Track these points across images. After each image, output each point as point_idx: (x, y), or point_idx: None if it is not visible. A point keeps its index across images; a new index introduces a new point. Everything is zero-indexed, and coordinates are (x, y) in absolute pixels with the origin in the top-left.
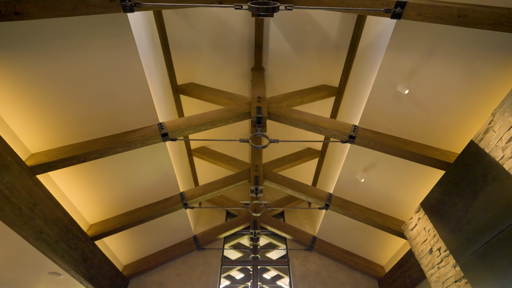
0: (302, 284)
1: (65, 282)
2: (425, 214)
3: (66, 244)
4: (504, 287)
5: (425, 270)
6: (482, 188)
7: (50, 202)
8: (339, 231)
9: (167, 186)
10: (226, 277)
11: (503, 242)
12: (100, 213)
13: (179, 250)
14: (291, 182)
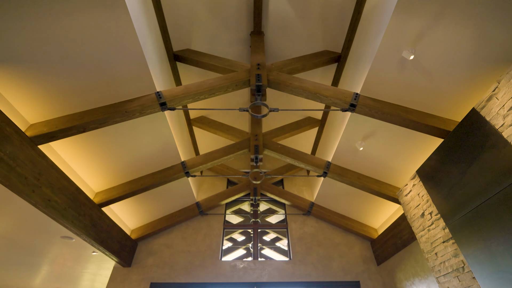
0: (299, 245)
1: (78, 245)
2: (420, 181)
3: (74, 210)
4: (488, 246)
5: (416, 232)
6: (479, 155)
7: (55, 172)
8: (336, 197)
9: (168, 155)
10: (228, 240)
11: (492, 207)
12: (105, 182)
13: (183, 215)
14: (291, 151)
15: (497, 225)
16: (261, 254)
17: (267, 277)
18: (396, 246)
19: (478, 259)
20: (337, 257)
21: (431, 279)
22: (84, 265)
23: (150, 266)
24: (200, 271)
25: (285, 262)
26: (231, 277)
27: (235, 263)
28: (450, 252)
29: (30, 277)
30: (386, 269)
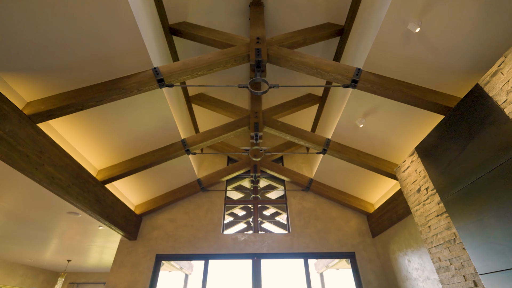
0: (298, 219)
1: (84, 220)
2: (418, 157)
3: (78, 187)
4: (480, 219)
5: (411, 206)
6: (478, 132)
7: (56, 150)
8: (334, 173)
9: (168, 133)
10: (229, 214)
11: (488, 182)
12: (106, 160)
13: (185, 191)
14: (291, 128)
15: (491, 199)
16: (261, 227)
17: (266, 249)
18: (391, 220)
19: (469, 231)
20: (334, 230)
21: (423, 250)
22: (92, 239)
23: (155, 239)
24: (203, 244)
25: (284, 235)
26: (232, 248)
27: (236, 236)
28: (443, 225)
29: (42, 250)
30: (380, 241)
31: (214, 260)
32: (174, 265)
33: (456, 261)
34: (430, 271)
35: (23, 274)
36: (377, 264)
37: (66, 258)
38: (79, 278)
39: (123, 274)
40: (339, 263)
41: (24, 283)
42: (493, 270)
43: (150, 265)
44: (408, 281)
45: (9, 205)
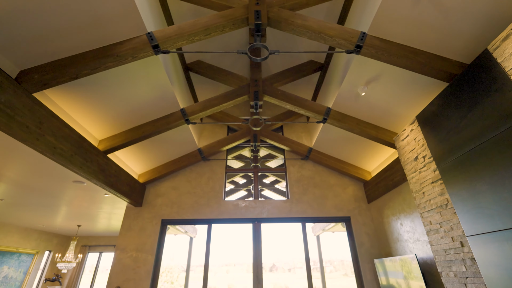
0: (297, 186)
1: (90, 189)
2: (418, 126)
3: (81, 157)
4: (473, 186)
5: (407, 174)
6: (482, 100)
7: (55, 121)
8: (333, 142)
9: (166, 102)
10: (230, 182)
11: (485, 150)
12: (106, 130)
13: (187, 161)
14: (291, 97)
15: (486, 166)
16: (261, 194)
17: (266, 214)
18: (387, 187)
19: (461, 197)
20: (331, 196)
21: (415, 215)
22: (99, 206)
23: (160, 206)
24: (206, 209)
25: (283, 201)
26: (234, 214)
27: (237, 203)
28: (437, 191)
29: (52, 216)
30: (375, 206)
31: (217, 224)
32: (179, 229)
33: (446, 224)
34: (420, 233)
35: (37, 238)
36: (371, 227)
37: (76, 223)
38: (90, 241)
39: (131, 237)
40: (335, 226)
41: (39, 246)
42: (479, 232)
43: (156, 229)
44: (399, 242)
45: (15, 175)
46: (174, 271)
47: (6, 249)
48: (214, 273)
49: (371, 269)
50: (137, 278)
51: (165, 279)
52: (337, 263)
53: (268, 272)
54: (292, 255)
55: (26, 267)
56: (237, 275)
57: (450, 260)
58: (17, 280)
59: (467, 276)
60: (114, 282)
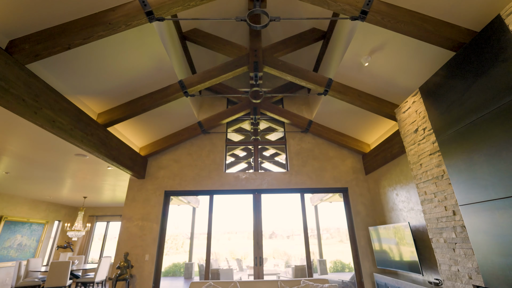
0: (296, 159)
1: (92, 162)
2: (420, 98)
3: (81, 131)
4: (470, 157)
5: (406, 146)
6: (488, 70)
7: (52, 93)
8: (334, 114)
9: (164, 74)
10: (230, 155)
11: (485, 122)
12: (104, 103)
13: (187, 134)
14: (292, 68)
15: (485, 139)
16: (261, 167)
17: (266, 185)
18: (385, 159)
19: (458, 168)
20: (330, 168)
21: (411, 186)
22: (103, 178)
23: (162, 178)
24: (207, 181)
25: (282, 173)
26: (235, 185)
27: (238, 175)
28: (434, 163)
29: (59, 188)
30: (372, 178)
31: (218, 195)
32: (182, 199)
33: (440, 194)
34: (415, 203)
35: (46, 209)
36: (367, 198)
37: (82, 195)
38: (97, 212)
39: (136, 208)
40: (333, 197)
41: (49, 217)
42: (472, 201)
43: (160, 200)
44: (394, 212)
45: (18, 149)
46: (179, 238)
47: (18, 219)
48: (217, 240)
49: (365, 236)
50: (144, 244)
51: (170, 246)
52: (333, 230)
53: (268, 239)
54: (290, 223)
55: (38, 236)
56: (239, 241)
57: (441, 228)
58: (31, 247)
59: (456, 242)
60: (122, 249)
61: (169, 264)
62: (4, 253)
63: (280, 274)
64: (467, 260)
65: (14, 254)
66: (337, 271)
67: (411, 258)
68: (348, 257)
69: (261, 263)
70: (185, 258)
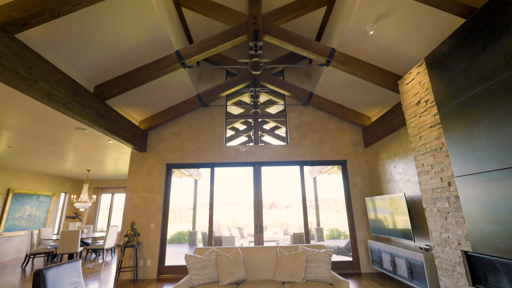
0: (296, 132)
1: (93, 135)
2: (425, 69)
3: (79, 104)
4: (471, 130)
5: (407, 119)
6: (497, 39)
7: (45, 65)
8: (335, 87)
9: (160, 44)
10: (230, 129)
11: (489, 94)
12: (100, 75)
13: (186, 107)
14: (293, 37)
15: (487, 110)
16: (261, 140)
17: (266, 158)
18: (385, 132)
19: (457, 141)
20: (329, 141)
21: (409, 158)
22: (105, 151)
23: (163, 151)
24: (208, 154)
25: (282, 146)
26: (235, 158)
27: (238, 148)
28: (434, 135)
29: (62, 162)
30: (371, 150)
31: (219, 168)
32: (184, 172)
33: (437, 166)
34: (411, 175)
35: (51, 182)
36: (365, 170)
37: (85, 168)
38: (101, 184)
39: (140, 180)
40: (331, 169)
41: (55, 189)
42: (468, 173)
43: (162, 173)
44: (390, 183)
45: (17, 123)
46: (182, 208)
47: (25, 192)
48: (218, 210)
49: (361, 206)
50: (149, 214)
51: (174, 216)
52: (331, 201)
53: (268, 209)
54: (290, 195)
55: (47, 207)
56: (240, 212)
57: (435, 198)
58: (41, 218)
59: (448, 211)
60: (128, 218)
61: (173, 232)
62: (16, 223)
63: (279, 241)
64: (457, 228)
65: (26, 224)
66: (333, 238)
67: (404, 226)
68: (344, 226)
69: (261, 231)
70: (189, 227)
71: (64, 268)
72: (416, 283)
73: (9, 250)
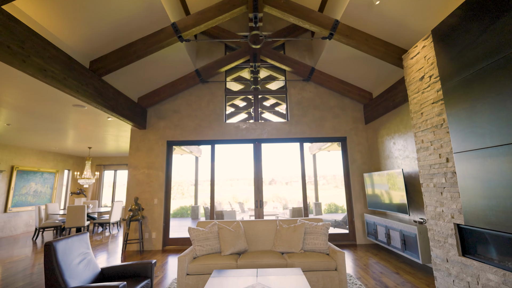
0: (297, 108)
1: (92, 112)
2: (431, 42)
3: (75, 80)
4: (473, 106)
5: (410, 94)
6: (509, 9)
7: (37, 39)
8: (337, 61)
9: (155, 15)
10: (230, 106)
11: (495, 69)
12: (95, 49)
13: (185, 83)
14: (295, 7)
15: (492, 86)
16: (261, 117)
17: (266, 135)
18: (386, 108)
19: (459, 117)
20: (330, 118)
21: (409, 135)
22: (105, 129)
23: (163, 128)
24: (208, 131)
25: (282, 123)
26: (235, 135)
27: (238, 125)
28: (436, 111)
29: (63, 139)
30: (372, 127)
31: (220, 144)
32: (185, 149)
33: (437, 142)
34: (410, 151)
35: (53, 159)
36: (365, 146)
37: (86, 145)
38: (103, 161)
39: (141, 157)
40: (331, 146)
41: (58, 166)
42: (467, 149)
43: (163, 150)
44: (389, 159)
45: (13, 100)
46: (184, 185)
47: (29, 169)
48: (219, 186)
49: (359, 182)
50: (152, 190)
51: (176, 191)
52: (329, 177)
53: (268, 185)
54: (289, 171)
55: (51, 183)
56: (240, 188)
57: (433, 174)
58: (46, 194)
59: (444, 186)
60: (132, 194)
61: (176, 207)
62: (23, 199)
63: (278, 215)
64: (452, 202)
65: (32, 200)
66: (331, 212)
67: (400, 201)
68: (342, 201)
69: (261, 206)
70: (191, 202)
71: (73, 240)
72: (408, 253)
73: (19, 224)
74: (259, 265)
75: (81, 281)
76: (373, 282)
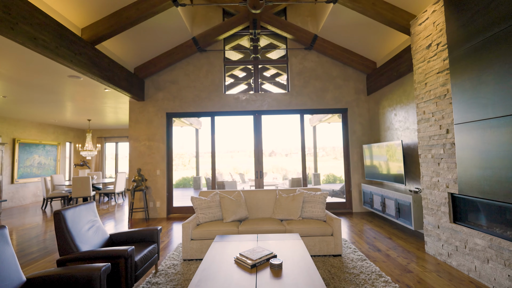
0: (298, 79)
1: (88, 83)
2: (442, 6)
3: (68, 49)
4: (479, 76)
5: (415, 64)
6: None
7: (23, 4)
8: (341, 28)
9: None
10: (229, 76)
11: (507, 36)
12: (85, 15)
13: (182, 52)
14: None
15: (500, 54)
16: (261, 88)
17: (266, 106)
18: (390, 79)
19: (463, 88)
20: (332, 89)
21: (411, 106)
22: (103, 100)
23: (162, 100)
24: (207, 103)
25: (283, 94)
26: (235, 107)
27: (238, 96)
28: (440, 82)
29: (61, 112)
30: (374, 98)
31: (219, 116)
32: (185, 121)
33: (438, 113)
34: (411, 122)
35: (54, 132)
36: (366, 118)
37: (85, 118)
38: (104, 134)
39: (141, 129)
40: (331, 118)
41: (59, 138)
42: (468, 120)
43: (163, 122)
44: (389, 131)
45: (7, 71)
46: (185, 157)
47: (30, 141)
48: (220, 158)
49: (358, 153)
50: (154, 162)
51: (178, 163)
52: (329, 149)
53: (268, 156)
54: (289, 143)
55: (54, 155)
56: (241, 159)
57: (431, 145)
58: (50, 166)
59: (442, 157)
60: (134, 165)
61: (179, 178)
62: (28, 171)
63: (278, 185)
64: (448, 173)
65: (37, 172)
66: (329, 182)
67: (398, 172)
68: (340, 172)
69: (261, 176)
70: (193, 173)
71: (80, 209)
72: (401, 220)
73: (27, 195)
74: (260, 231)
75: (92, 246)
76: (366, 246)
